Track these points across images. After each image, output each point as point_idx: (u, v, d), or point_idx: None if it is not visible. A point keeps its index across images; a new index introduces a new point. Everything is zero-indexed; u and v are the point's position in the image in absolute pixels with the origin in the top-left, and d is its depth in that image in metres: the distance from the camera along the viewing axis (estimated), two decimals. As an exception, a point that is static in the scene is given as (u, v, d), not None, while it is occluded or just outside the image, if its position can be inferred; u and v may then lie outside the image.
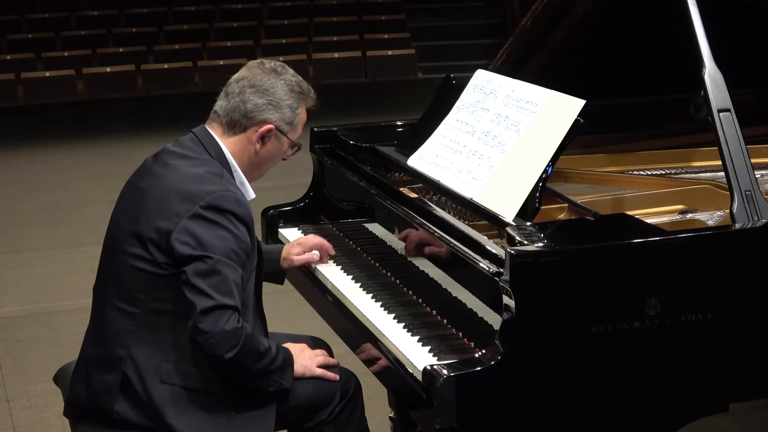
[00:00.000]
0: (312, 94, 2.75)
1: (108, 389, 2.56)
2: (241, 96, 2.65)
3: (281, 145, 2.71)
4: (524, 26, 3.39)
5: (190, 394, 2.55)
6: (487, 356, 2.29)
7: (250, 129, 2.66)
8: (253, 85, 2.65)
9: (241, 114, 2.65)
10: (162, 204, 2.53)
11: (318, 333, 3.15)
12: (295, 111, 2.69)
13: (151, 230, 2.52)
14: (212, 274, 2.45)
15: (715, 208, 2.85)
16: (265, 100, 2.65)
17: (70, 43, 13.46)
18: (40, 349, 5.07)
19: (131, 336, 2.55)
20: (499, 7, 14.89)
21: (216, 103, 2.70)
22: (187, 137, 2.69)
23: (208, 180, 2.55)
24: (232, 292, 2.47)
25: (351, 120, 4.42)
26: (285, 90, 2.67)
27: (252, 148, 2.67)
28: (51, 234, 7.21)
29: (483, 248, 2.49)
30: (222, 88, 2.71)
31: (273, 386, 2.59)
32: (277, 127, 2.66)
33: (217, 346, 2.44)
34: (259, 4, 14.73)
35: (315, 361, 2.74)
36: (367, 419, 2.85)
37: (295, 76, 2.73)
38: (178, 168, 2.60)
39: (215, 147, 2.65)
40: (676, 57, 2.89)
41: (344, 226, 3.45)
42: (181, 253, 2.47)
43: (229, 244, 2.49)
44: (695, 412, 2.52)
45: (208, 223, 2.49)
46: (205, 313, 2.43)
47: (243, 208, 2.54)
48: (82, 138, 10.75)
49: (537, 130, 2.74)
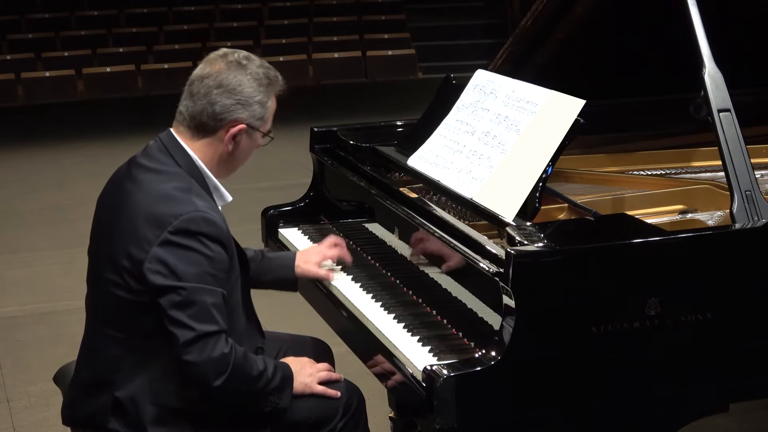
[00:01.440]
0: (280, 81, 2.62)
1: (101, 411, 2.54)
2: (208, 98, 2.53)
3: (254, 140, 2.60)
4: (524, 26, 3.39)
5: (184, 415, 2.52)
6: (487, 356, 2.29)
7: (221, 130, 2.55)
8: (220, 84, 2.53)
9: (209, 116, 2.53)
10: (132, 229, 2.46)
11: (317, 333, 3.15)
12: (264, 105, 2.58)
13: (124, 257, 2.46)
14: (189, 304, 2.40)
15: (715, 208, 2.85)
16: (234, 100, 2.53)
17: (70, 43, 13.46)
18: (40, 349, 5.07)
19: (120, 360, 2.51)
20: (499, 7, 14.89)
21: (180, 102, 2.58)
22: (155, 145, 2.59)
23: (175, 199, 2.46)
24: (212, 318, 2.42)
25: (351, 120, 4.42)
26: (253, 86, 2.55)
27: (224, 148, 2.56)
28: (51, 234, 7.21)
29: (483, 248, 2.49)
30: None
31: (269, 406, 2.55)
32: (248, 125, 2.55)
33: (205, 375, 2.41)
34: (259, 4, 14.73)
35: (316, 377, 2.67)
36: (368, 419, 2.84)
37: (262, 65, 2.60)
38: (145, 185, 2.51)
39: (183, 155, 2.55)
40: (676, 57, 2.89)
41: (344, 226, 3.45)
42: (155, 284, 2.41)
43: (203, 268, 2.43)
44: (695, 412, 2.52)
45: (179, 249, 2.42)
46: (188, 345, 2.39)
47: (213, 227, 2.45)
48: (82, 138, 10.75)
49: (537, 130, 2.74)
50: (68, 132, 11.08)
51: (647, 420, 2.44)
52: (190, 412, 2.53)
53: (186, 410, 2.52)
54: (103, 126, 11.23)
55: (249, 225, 4.31)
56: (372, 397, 3.67)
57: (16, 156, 10.06)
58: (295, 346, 2.97)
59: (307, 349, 2.96)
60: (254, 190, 7.61)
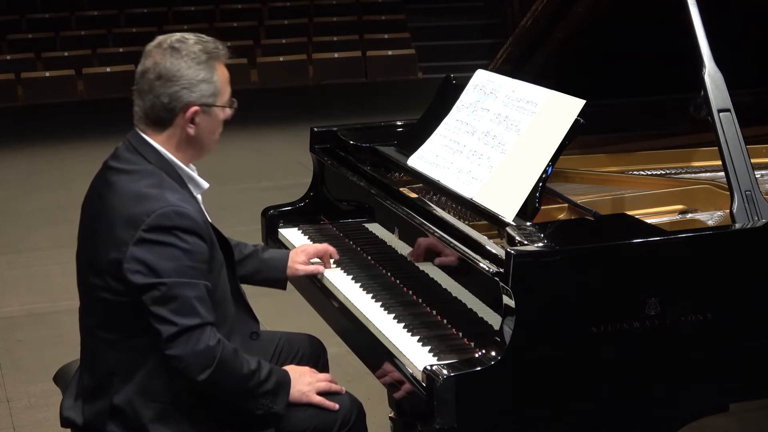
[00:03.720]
0: (222, 50, 2.59)
1: (99, 416, 2.55)
2: (153, 92, 2.54)
3: (214, 116, 2.58)
4: (524, 26, 3.39)
5: (181, 409, 2.53)
6: (487, 356, 2.29)
7: (177, 118, 2.55)
8: (159, 75, 2.52)
9: (160, 109, 2.54)
10: (109, 232, 2.48)
11: (317, 332, 3.15)
12: (211, 81, 2.55)
13: (105, 261, 2.48)
14: (170, 299, 2.41)
15: (715, 208, 2.85)
16: (178, 86, 2.52)
17: (70, 43, 13.46)
18: (40, 349, 5.07)
19: (118, 363, 2.52)
20: (499, 7, 14.89)
21: (134, 103, 2.60)
22: (123, 146, 2.60)
23: (146, 197, 2.47)
24: (195, 311, 2.43)
25: (351, 120, 4.42)
26: (192, 66, 2.53)
27: (186, 134, 2.56)
28: (51, 234, 7.21)
29: (483, 248, 2.49)
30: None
31: (261, 410, 2.54)
32: (201, 104, 2.54)
33: (189, 369, 2.42)
34: (259, 4, 14.74)
35: (314, 387, 2.64)
36: (368, 419, 2.84)
37: (198, 42, 2.57)
38: (118, 187, 2.52)
39: (151, 151, 2.56)
40: (676, 57, 2.89)
41: (344, 226, 3.45)
42: (135, 283, 2.43)
43: (182, 262, 2.44)
44: (695, 412, 2.52)
45: (155, 245, 2.43)
46: (172, 340, 2.41)
47: (186, 219, 2.46)
48: (82, 138, 10.75)
49: (537, 130, 2.74)
50: (68, 132, 11.08)
51: (647, 420, 2.44)
52: (191, 407, 2.53)
53: (185, 405, 2.53)
54: (103, 126, 11.22)
55: (249, 225, 4.32)
56: (372, 397, 3.67)
57: (16, 156, 10.06)
58: (289, 341, 2.99)
59: (300, 345, 2.99)
60: (254, 190, 7.60)
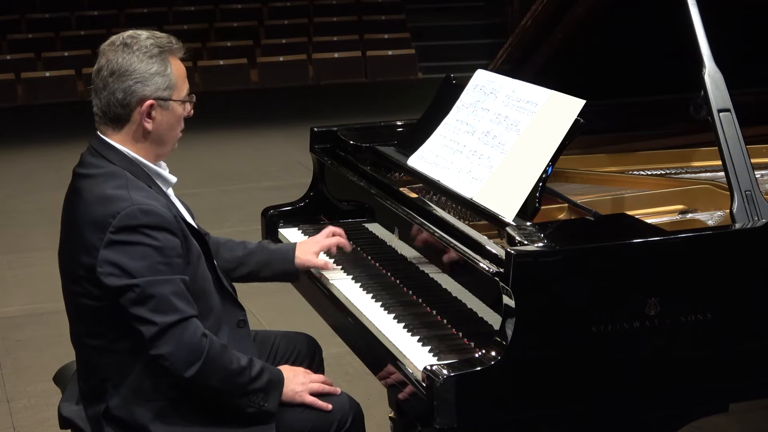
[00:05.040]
0: (175, 44, 2.60)
1: (97, 419, 2.55)
2: (108, 89, 2.54)
3: (172, 111, 2.58)
4: (524, 26, 3.39)
5: (178, 405, 2.52)
6: (487, 356, 2.29)
7: (133, 113, 2.54)
8: (112, 72, 2.53)
9: (116, 106, 2.54)
10: (80, 238, 2.49)
11: (317, 332, 3.15)
12: (164, 74, 2.55)
13: (80, 267, 2.49)
14: (146, 299, 2.41)
15: (715, 208, 2.85)
16: (131, 81, 2.52)
17: (70, 43, 13.47)
18: (40, 349, 5.07)
19: (109, 367, 2.52)
20: (499, 7, 14.89)
21: (92, 104, 2.61)
22: (87, 152, 2.61)
23: (111, 199, 2.47)
24: (174, 307, 2.42)
25: (351, 120, 4.43)
26: (143, 60, 2.53)
27: (144, 129, 2.55)
28: (51, 234, 7.14)
29: (483, 248, 2.49)
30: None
31: (252, 407, 2.53)
32: (156, 98, 2.54)
33: (176, 366, 2.42)
34: (259, 4, 14.74)
35: (307, 387, 2.63)
36: (367, 419, 2.84)
37: (150, 36, 2.58)
38: (84, 193, 2.53)
39: (114, 152, 2.57)
40: (676, 57, 2.90)
41: (344, 226, 3.44)
42: (110, 286, 2.43)
43: (154, 259, 2.43)
44: (695, 412, 2.52)
45: (125, 246, 2.43)
46: (154, 340, 2.41)
47: (153, 216, 2.45)
48: (82, 138, 10.69)
49: (537, 130, 2.74)
50: (68, 132, 11.07)
51: (647, 420, 2.44)
52: (187, 403, 2.52)
53: (182, 401, 2.52)
54: (103, 126, 11.23)
55: (249, 225, 4.32)
56: (372, 397, 3.67)
57: (16, 156, 10.06)
58: (285, 340, 3.00)
59: (296, 344, 3.00)
60: (254, 190, 7.60)
